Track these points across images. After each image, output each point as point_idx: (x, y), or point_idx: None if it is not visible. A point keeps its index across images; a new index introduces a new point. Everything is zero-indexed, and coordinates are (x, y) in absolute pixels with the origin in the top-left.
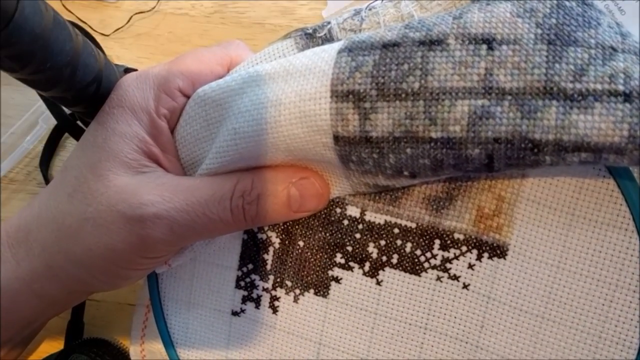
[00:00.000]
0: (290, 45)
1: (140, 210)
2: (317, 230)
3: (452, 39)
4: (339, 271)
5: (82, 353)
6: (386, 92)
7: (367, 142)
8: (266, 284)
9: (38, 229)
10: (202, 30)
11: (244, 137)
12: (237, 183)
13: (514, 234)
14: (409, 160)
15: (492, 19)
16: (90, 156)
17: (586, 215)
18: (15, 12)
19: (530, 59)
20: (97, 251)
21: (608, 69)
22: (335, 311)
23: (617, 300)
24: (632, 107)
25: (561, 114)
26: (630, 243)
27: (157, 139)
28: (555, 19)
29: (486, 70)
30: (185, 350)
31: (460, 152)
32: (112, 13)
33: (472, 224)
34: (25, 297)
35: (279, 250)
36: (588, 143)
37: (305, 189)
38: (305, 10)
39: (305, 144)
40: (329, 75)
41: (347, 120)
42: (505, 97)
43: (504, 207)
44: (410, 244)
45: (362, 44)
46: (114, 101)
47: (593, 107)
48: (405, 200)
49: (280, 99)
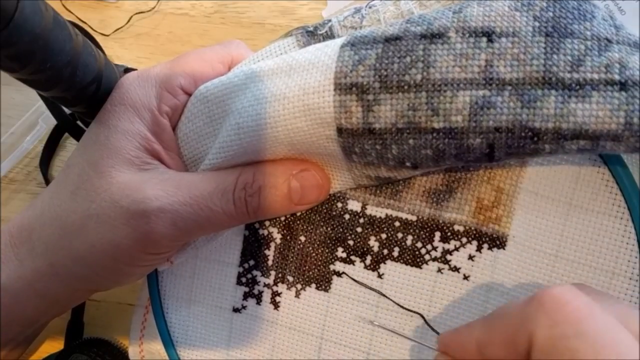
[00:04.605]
0: (292, 43)
1: (143, 205)
2: (319, 225)
3: (453, 32)
4: (341, 265)
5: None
6: (389, 84)
7: (370, 133)
8: (267, 280)
9: (41, 228)
10: (202, 30)
11: (248, 131)
12: (239, 176)
13: (513, 224)
14: (411, 151)
15: (491, 12)
16: (92, 154)
17: (583, 205)
18: (15, 12)
19: (529, 50)
20: (101, 248)
21: (604, 59)
22: (337, 305)
23: (614, 288)
24: (627, 96)
25: (560, 102)
26: (626, 231)
27: (160, 137)
28: (552, 12)
29: (486, 62)
30: (185, 348)
31: (462, 142)
32: (112, 13)
33: (472, 216)
34: (27, 296)
35: (281, 245)
36: (586, 131)
37: (306, 181)
38: (305, 10)
39: (309, 137)
40: (332, 69)
41: (350, 112)
42: (506, 87)
43: (503, 198)
44: (411, 237)
45: (364, 38)
46: (116, 99)
47: (590, 95)
48: (406, 194)
49: (284, 93)
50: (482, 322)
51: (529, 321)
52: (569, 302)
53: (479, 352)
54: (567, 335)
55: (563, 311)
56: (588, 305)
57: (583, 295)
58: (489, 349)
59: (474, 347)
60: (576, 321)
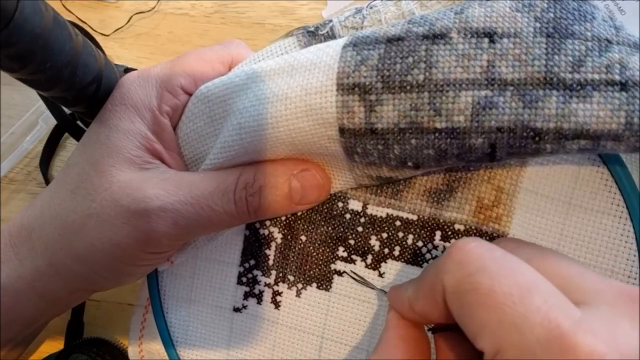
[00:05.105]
0: (293, 43)
1: (144, 204)
2: (320, 224)
3: (455, 33)
4: (342, 264)
5: (82, 353)
6: (391, 84)
7: (372, 133)
8: (268, 279)
9: (41, 227)
10: (202, 30)
11: (250, 131)
12: (240, 176)
13: (513, 223)
14: (413, 151)
15: (493, 13)
16: (92, 153)
17: (582, 204)
18: (15, 12)
19: (530, 51)
20: (101, 247)
21: (604, 60)
22: (337, 304)
23: None
24: (628, 96)
25: (561, 103)
26: (625, 230)
27: (160, 136)
28: (552, 13)
29: (488, 63)
30: (185, 348)
31: (464, 142)
32: (112, 13)
33: (472, 215)
34: (27, 296)
35: (281, 245)
36: (587, 130)
37: (307, 181)
38: (305, 10)
39: (311, 137)
40: (334, 69)
41: (353, 112)
42: (508, 87)
43: (503, 197)
44: (412, 236)
45: (366, 39)
46: (117, 99)
47: (591, 96)
48: (407, 193)
49: (286, 93)
50: (412, 280)
51: (440, 271)
52: (472, 247)
53: (411, 308)
54: (470, 273)
55: (466, 254)
56: (489, 247)
57: (484, 242)
58: (416, 304)
59: (407, 304)
60: (477, 259)
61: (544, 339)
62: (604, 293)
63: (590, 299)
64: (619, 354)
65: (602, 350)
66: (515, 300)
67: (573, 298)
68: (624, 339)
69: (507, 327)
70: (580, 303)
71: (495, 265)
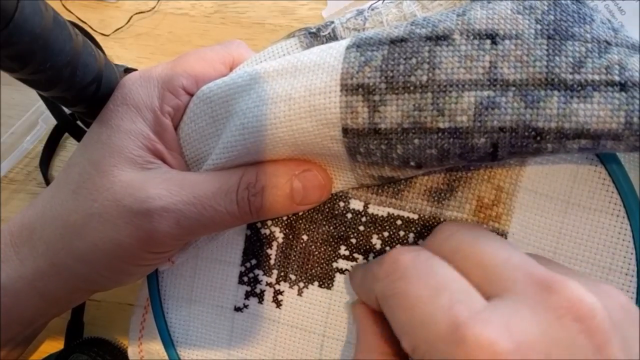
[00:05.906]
0: (295, 44)
1: (147, 204)
2: (321, 224)
3: (458, 35)
4: (344, 263)
5: (82, 353)
6: (395, 85)
7: (375, 133)
8: (270, 279)
9: (42, 227)
10: (202, 30)
11: (252, 132)
12: (242, 176)
13: (513, 222)
14: (416, 151)
15: (494, 15)
16: (94, 153)
17: (580, 203)
18: (15, 12)
19: (531, 52)
20: (103, 247)
21: (604, 61)
22: (339, 302)
23: (610, 283)
24: (627, 96)
25: (562, 103)
26: (622, 228)
27: (162, 137)
28: (553, 16)
29: (491, 64)
30: (185, 348)
31: (466, 142)
32: (112, 13)
33: (473, 214)
34: (27, 296)
35: (283, 244)
36: (588, 130)
37: (308, 181)
38: (305, 10)
39: (314, 138)
40: (338, 70)
41: (356, 112)
42: (510, 88)
43: (503, 196)
44: (413, 235)
45: (369, 40)
46: (118, 99)
47: (592, 96)
48: (408, 193)
49: (290, 94)
50: (361, 270)
51: (375, 279)
52: (401, 256)
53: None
54: (394, 280)
55: (394, 264)
56: (416, 253)
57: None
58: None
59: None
60: (403, 268)
61: (445, 333)
62: (516, 282)
63: (503, 289)
64: (511, 341)
65: (492, 339)
66: (425, 300)
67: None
68: (519, 327)
69: (418, 326)
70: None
71: (415, 270)
